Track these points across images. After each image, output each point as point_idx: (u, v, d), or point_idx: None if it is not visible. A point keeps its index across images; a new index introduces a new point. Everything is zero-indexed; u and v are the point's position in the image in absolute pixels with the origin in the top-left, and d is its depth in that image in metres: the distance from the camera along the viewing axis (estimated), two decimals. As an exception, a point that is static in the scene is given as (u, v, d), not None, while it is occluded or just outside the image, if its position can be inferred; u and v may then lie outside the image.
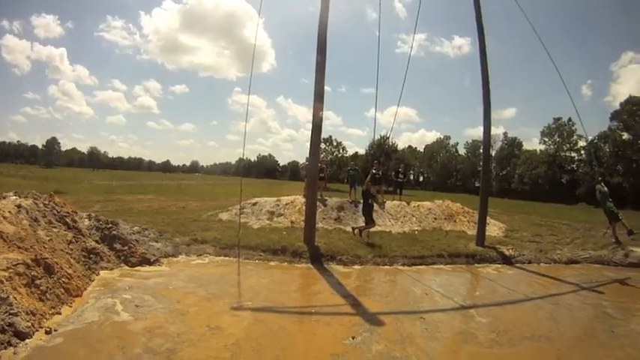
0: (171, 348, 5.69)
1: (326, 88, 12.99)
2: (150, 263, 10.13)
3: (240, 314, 7.37)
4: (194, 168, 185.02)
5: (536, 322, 8.00)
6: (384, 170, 22.87)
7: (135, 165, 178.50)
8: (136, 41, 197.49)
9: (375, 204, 14.74)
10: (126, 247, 10.27)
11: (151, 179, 53.63)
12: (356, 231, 14.18)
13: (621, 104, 68.61)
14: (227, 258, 11.37)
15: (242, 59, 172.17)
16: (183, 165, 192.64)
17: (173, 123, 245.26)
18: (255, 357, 5.73)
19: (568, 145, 79.07)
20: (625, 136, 67.04)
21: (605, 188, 16.10)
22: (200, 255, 11.42)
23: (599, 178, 15.55)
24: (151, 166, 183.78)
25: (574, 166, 77.16)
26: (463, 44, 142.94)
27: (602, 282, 11.64)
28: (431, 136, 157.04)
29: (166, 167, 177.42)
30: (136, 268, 9.80)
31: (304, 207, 14.26)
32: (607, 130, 69.41)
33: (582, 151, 76.18)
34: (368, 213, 13.89)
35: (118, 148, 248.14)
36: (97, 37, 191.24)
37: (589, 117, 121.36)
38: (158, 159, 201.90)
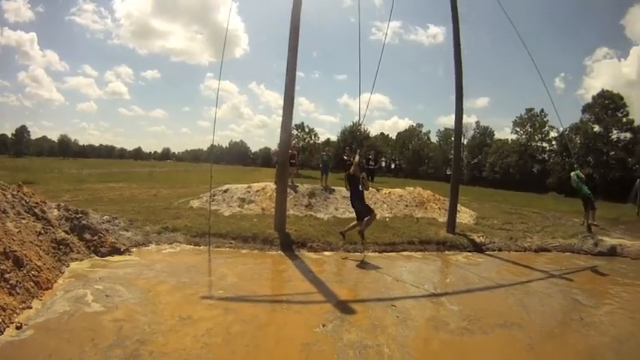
0: (141, 339, 5.66)
1: (299, 73, 13.00)
2: (120, 253, 10.02)
3: (211, 304, 7.35)
4: (166, 155, 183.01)
5: (507, 310, 8.14)
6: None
7: (106, 153, 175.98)
8: (107, 25, 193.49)
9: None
10: (96, 237, 10.11)
11: (122, 167, 53.08)
12: (346, 234, 12.05)
13: (594, 97, 69.84)
14: (198, 247, 11.32)
15: (215, 44, 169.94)
16: (155, 152, 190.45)
17: (144, 109, 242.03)
18: (225, 347, 5.73)
19: (540, 136, 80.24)
20: (596, 128, 68.27)
21: (582, 174, 16.27)
22: (171, 244, 11.33)
23: (576, 165, 15.77)
24: (122, 154, 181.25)
25: (545, 156, 78.30)
26: (438, 33, 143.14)
27: (572, 270, 11.88)
28: (403, 124, 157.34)
29: (138, 154, 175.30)
30: (106, 258, 9.66)
31: (275, 194, 14.22)
32: (579, 122, 70.63)
33: (554, 142, 77.46)
34: (362, 202, 11.89)
35: (88, 135, 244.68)
36: (67, 21, 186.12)
37: (561, 109, 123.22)
38: (130, 146, 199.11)
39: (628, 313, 8.57)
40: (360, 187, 11.59)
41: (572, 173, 15.90)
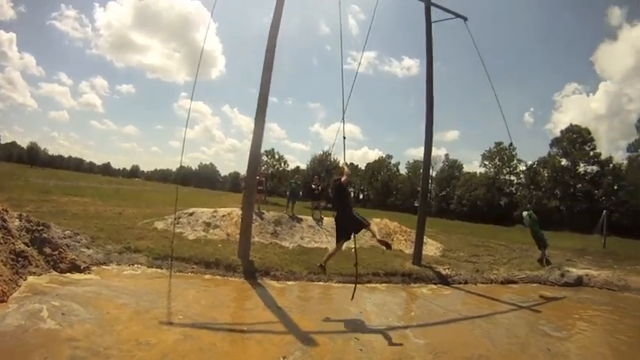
0: None
1: (273, 99, 13.10)
2: (80, 270, 9.80)
3: (170, 329, 7.18)
4: (135, 173, 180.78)
5: (473, 342, 8.17)
6: (324, 186, 22.73)
7: (75, 165, 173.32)
8: (87, 34, 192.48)
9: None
10: (56, 252, 9.89)
11: (89, 181, 52.31)
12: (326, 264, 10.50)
13: (562, 132, 71.84)
14: (160, 270, 11.12)
15: (192, 63, 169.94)
16: (124, 169, 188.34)
17: (117, 124, 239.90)
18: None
19: (508, 169, 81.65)
20: (564, 162, 69.91)
21: (535, 216, 16.38)
22: (132, 265, 11.13)
23: (528, 206, 16.15)
24: (91, 168, 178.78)
25: (513, 189, 79.64)
26: (412, 65, 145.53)
27: (538, 301, 12.11)
28: (373, 155, 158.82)
29: (106, 170, 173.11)
30: (66, 274, 9.45)
31: (241, 220, 14.05)
32: (547, 155, 72.24)
33: (522, 175, 78.86)
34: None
35: (58, 145, 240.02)
36: (48, 26, 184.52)
37: (530, 142, 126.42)
38: (99, 160, 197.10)
39: (596, 343, 8.82)
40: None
41: (525, 213, 16.19)
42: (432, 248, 17.79)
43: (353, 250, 9.20)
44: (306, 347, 7.07)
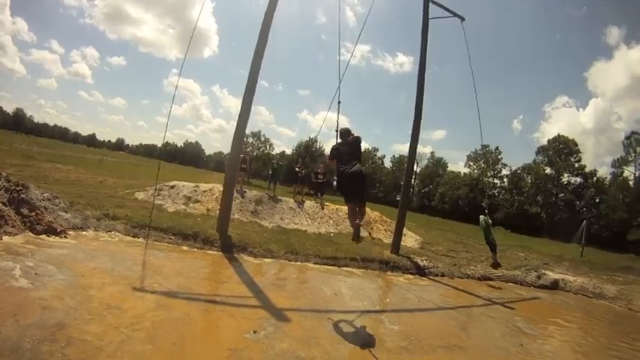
0: (62, 323, 5.41)
1: (263, 83, 13.06)
2: (56, 233, 9.61)
3: (143, 296, 7.13)
4: (120, 146, 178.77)
5: (448, 332, 8.26)
6: (307, 172, 22.65)
7: (60, 134, 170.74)
8: (82, 3, 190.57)
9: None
10: (33, 214, 9.69)
11: (73, 151, 51.84)
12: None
13: (549, 141, 72.61)
14: (137, 239, 11.01)
15: (186, 41, 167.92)
16: (109, 141, 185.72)
17: (105, 96, 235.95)
18: (147, 342, 5.52)
19: (492, 172, 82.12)
20: (548, 170, 70.53)
21: (490, 221, 16.67)
22: (109, 231, 10.99)
23: (486, 211, 16.43)
24: (76, 138, 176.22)
25: (495, 192, 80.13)
26: (405, 62, 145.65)
27: (513, 299, 12.18)
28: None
29: (91, 141, 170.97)
30: (41, 236, 9.27)
31: (221, 195, 13.98)
32: (532, 162, 72.86)
33: (505, 179, 79.45)
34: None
35: (44, 113, 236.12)
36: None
37: (516, 149, 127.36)
38: (84, 131, 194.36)
39: (569, 342, 8.97)
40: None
41: (482, 217, 16.39)
42: (411, 240, 17.88)
43: (332, 234, 9.16)
44: (279, 323, 7.06)
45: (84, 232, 10.57)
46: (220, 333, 6.42)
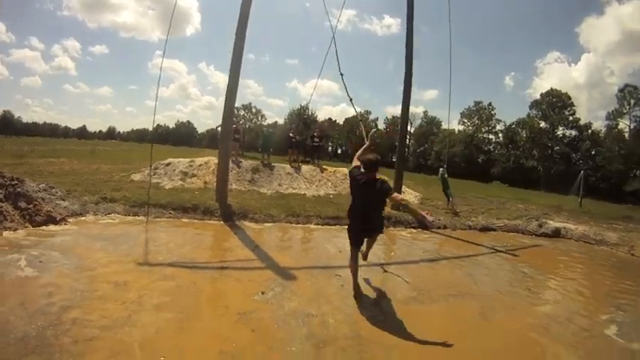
0: (69, 305, 5.44)
1: (249, 55, 12.91)
2: (56, 222, 9.61)
3: (148, 270, 7.17)
4: (111, 134, 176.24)
5: (456, 281, 8.30)
6: (302, 139, 22.54)
7: (50, 131, 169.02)
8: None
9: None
10: (31, 206, 9.66)
11: (65, 145, 51.43)
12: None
13: (542, 95, 72.28)
14: (137, 217, 11.07)
15: (166, 21, 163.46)
16: (100, 131, 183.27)
17: (90, 86, 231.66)
18: (154, 315, 5.55)
19: (486, 128, 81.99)
20: (542, 124, 70.37)
21: (447, 175, 17.91)
22: (109, 214, 11.03)
23: (445, 166, 16.84)
24: (66, 132, 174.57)
25: (491, 147, 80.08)
26: (392, 24, 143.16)
27: (517, 247, 12.24)
28: (351, 111, 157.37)
29: (82, 133, 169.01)
30: (42, 227, 9.25)
31: (217, 164, 13.97)
32: (525, 117, 72.70)
33: (500, 134, 79.33)
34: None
35: (32, 112, 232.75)
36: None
37: (509, 105, 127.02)
38: (74, 125, 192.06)
39: (575, 285, 8.96)
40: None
41: (441, 170, 17.82)
42: (410, 197, 17.88)
43: (331, 195, 9.14)
44: (287, 282, 7.12)
45: (83, 218, 10.58)
46: (228, 298, 6.46)
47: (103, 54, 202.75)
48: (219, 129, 13.79)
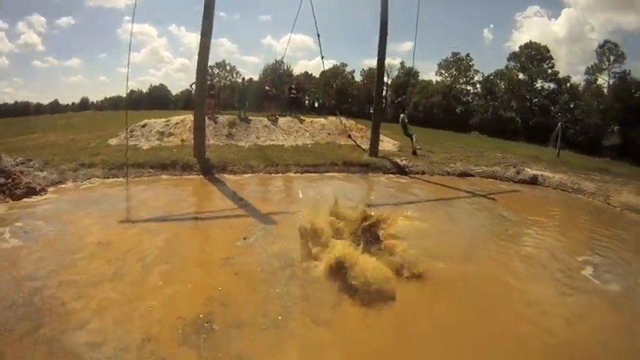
0: (55, 269, 5.54)
1: (221, 14, 12.65)
2: (36, 193, 9.47)
3: (131, 227, 7.29)
4: (84, 105, 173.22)
5: (436, 221, 8.48)
6: (279, 92, 22.40)
7: (21, 110, 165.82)
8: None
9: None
10: (10, 180, 9.49)
11: (38, 121, 50.69)
12: None
13: (520, 47, 71.04)
14: (117, 179, 11.07)
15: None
16: (73, 103, 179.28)
17: (59, 60, 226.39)
18: (139, 269, 5.71)
19: (464, 79, 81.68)
20: (521, 76, 70.18)
21: (407, 120, 18.23)
22: (88, 179, 10.97)
23: (406, 110, 17.20)
24: (39, 109, 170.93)
25: (469, 98, 79.98)
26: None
27: (495, 191, 12.38)
28: (328, 65, 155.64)
29: (55, 108, 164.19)
30: (23, 200, 9.12)
31: (193, 120, 13.94)
32: (504, 69, 72.45)
33: (478, 85, 79.16)
34: None
35: (2, 94, 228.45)
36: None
37: (487, 57, 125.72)
38: (46, 100, 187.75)
39: (553, 229, 9.20)
40: None
41: (401, 116, 18.08)
42: (388, 145, 17.95)
43: (309, 145, 9.24)
44: (268, 227, 7.27)
45: (63, 185, 10.49)
46: (211, 246, 6.65)
47: (69, 25, 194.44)
48: (194, 86, 13.72)
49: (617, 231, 9.35)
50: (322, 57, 10.07)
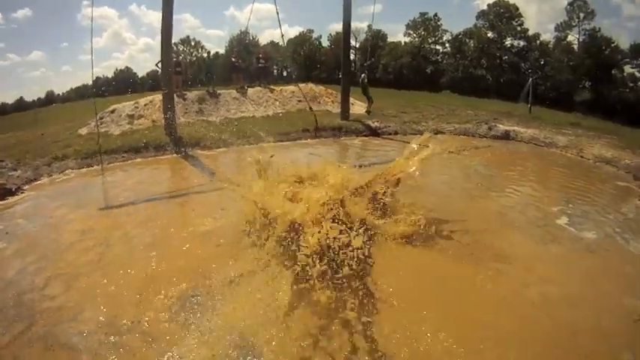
0: (41, 266, 5.61)
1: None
2: (12, 193, 9.40)
3: (110, 213, 7.42)
4: (50, 98, 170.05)
5: (410, 177, 8.60)
6: (247, 64, 22.28)
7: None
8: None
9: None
10: (-17, 185, 9.61)
11: (4, 121, 49.82)
12: None
13: (489, 5, 70.98)
14: (91, 168, 11.05)
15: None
16: (39, 99, 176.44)
17: (20, 55, 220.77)
18: (124, 251, 5.86)
19: (433, 39, 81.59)
20: (490, 34, 70.25)
21: (366, 80, 18.49)
22: (63, 171, 10.91)
23: (366, 71, 17.32)
24: (4, 109, 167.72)
25: (439, 57, 79.96)
26: None
27: (467, 147, 12.71)
28: (294, 32, 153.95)
29: (20, 106, 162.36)
30: (0, 202, 9.13)
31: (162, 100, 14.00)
32: (473, 27, 72.42)
33: (447, 44, 79.13)
34: None
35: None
36: None
37: (456, 16, 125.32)
38: (10, 99, 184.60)
39: (527, 181, 9.52)
40: None
41: (362, 76, 18.35)
42: (359, 108, 18.03)
43: (280, 114, 9.31)
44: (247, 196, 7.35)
45: (39, 182, 10.38)
46: (191, 221, 6.74)
47: (26, 17, 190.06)
48: (160, 65, 13.66)
49: (591, 182, 9.66)
50: (282, 35, 9.92)
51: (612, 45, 57.92)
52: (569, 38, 64.18)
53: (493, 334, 4.14)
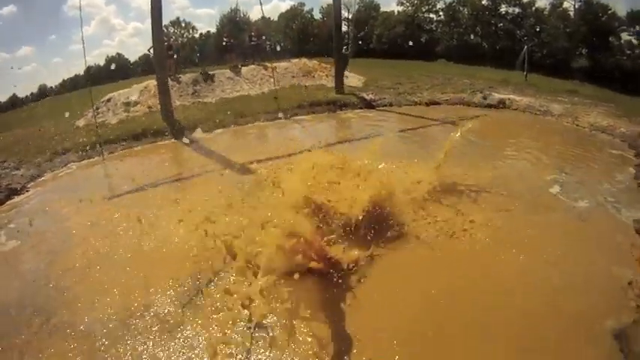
0: (53, 260, 5.75)
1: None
2: (18, 192, 9.45)
3: (117, 201, 7.55)
4: (43, 92, 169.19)
5: (407, 149, 8.79)
6: (239, 42, 22.11)
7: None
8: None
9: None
10: (-11, 187, 9.65)
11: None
12: None
13: None
14: (92, 159, 11.08)
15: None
16: (32, 94, 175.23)
17: (9, 51, 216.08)
18: (134, 237, 6.01)
19: (427, 7, 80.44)
20: (484, 1, 69.18)
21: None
22: (65, 165, 10.94)
23: (349, 44, 17.51)
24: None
25: (433, 26, 78.99)
26: None
27: (463, 117, 12.44)
28: (285, 5, 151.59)
29: (14, 103, 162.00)
30: (7, 203, 9.00)
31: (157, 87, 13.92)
32: None
33: (441, 12, 78.08)
34: None
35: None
36: None
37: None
38: (3, 97, 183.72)
39: (522, 150, 9.54)
40: None
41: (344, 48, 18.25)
42: (354, 80, 17.92)
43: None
44: (247, 177, 7.66)
45: (43, 178, 10.40)
46: (198, 204, 6.77)
47: (12, 13, 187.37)
48: (152, 50, 13.62)
49: (586, 151, 9.73)
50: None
51: (609, 12, 56.98)
52: (565, 5, 63.07)
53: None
